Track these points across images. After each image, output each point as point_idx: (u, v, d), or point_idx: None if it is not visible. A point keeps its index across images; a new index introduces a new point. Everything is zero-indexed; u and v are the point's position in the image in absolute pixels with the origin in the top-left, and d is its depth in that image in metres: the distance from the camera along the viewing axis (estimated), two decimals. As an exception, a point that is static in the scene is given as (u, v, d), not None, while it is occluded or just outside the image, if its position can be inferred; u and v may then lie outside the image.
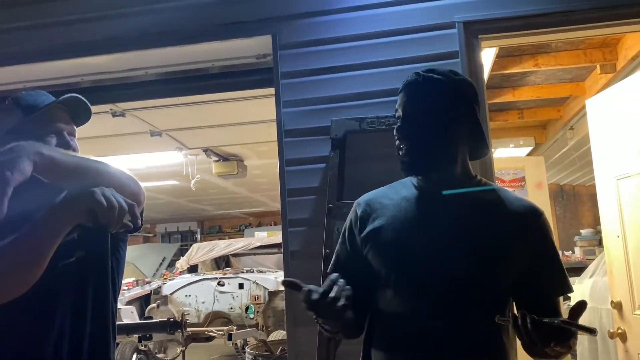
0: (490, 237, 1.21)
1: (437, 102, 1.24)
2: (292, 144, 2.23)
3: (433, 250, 1.20)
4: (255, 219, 14.88)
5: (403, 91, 1.29)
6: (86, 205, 1.06)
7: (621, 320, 2.57)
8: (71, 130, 1.37)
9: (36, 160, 1.05)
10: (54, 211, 1.09)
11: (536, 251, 1.24)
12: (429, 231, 1.23)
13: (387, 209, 1.29)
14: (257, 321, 6.00)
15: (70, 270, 1.22)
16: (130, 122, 4.01)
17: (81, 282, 1.24)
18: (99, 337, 1.27)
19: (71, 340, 1.21)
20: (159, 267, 9.91)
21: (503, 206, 1.27)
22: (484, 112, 2.15)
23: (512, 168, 4.37)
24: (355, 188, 1.36)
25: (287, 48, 2.27)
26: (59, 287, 1.20)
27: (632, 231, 2.47)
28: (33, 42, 2.49)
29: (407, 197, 1.29)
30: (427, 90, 1.25)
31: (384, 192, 1.35)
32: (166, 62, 2.53)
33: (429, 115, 1.23)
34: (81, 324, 1.23)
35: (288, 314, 2.17)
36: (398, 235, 1.24)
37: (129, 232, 1.29)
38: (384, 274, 1.26)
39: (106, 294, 1.29)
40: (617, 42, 3.50)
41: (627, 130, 2.49)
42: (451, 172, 1.27)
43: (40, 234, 1.09)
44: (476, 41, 2.16)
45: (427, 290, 1.20)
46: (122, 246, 1.38)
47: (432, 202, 1.26)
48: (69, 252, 1.20)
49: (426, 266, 1.20)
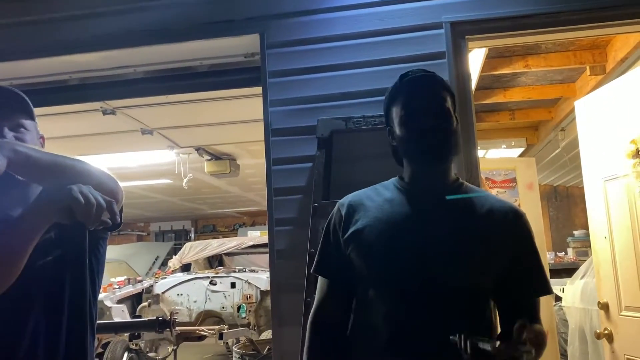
0: (472, 238, 1.22)
1: (444, 97, 1.28)
2: (279, 143, 2.23)
3: (415, 252, 1.21)
4: (250, 218, 14.87)
5: (405, 88, 1.30)
6: (63, 202, 1.05)
7: (608, 321, 2.58)
8: (15, 123, 1.28)
9: (10, 157, 1.04)
10: (31, 209, 1.08)
11: (516, 252, 1.24)
12: (411, 233, 1.23)
13: (370, 211, 1.29)
14: (249, 320, 5.99)
15: (47, 269, 1.21)
16: (120, 120, 3.99)
17: (58, 281, 1.23)
18: (76, 336, 1.26)
19: (46, 339, 1.20)
20: (152, 266, 9.89)
21: (484, 208, 1.27)
22: (470, 110, 2.16)
23: (503, 169, 4.37)
24: (341, 187, 1.37)
25: (274, 47, 2.27)
26: (34, 286, 1.19)
27: (619, 232, 2.48)
28: (20, 40, 2.48)
29: (389, 199, 1.30)
30: (433, 85, 1.29)
31: (366, 194, 1.36)
32: (154, 60, 2.53)
33: (441, 109, 1.26)
34: (57, 323, 1.22)
35: (274, 314, 2.17)
36: (380, 237, 1.25)
37: (108, 230, 1.28)
38: (366, 275, 1.27)
39: (84, 292, 1.29)
40: (607, 43, 3.51)
41: (615, 132, 2.50)
42: (445, 171, 1.29)
43: (17, 233, 1.08)
44: (463, 42, 2.16)
45: (408, 292, 1.20)
46: (102, 244, 1.37)
47: (414, 204, 1.27)
48: (47, 250, 1.20)
49: (408, 268, 1.21)
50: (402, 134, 1.28)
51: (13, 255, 1.07)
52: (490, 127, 5.23)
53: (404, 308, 1.20)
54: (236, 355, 3.55)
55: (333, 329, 1.32)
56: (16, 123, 1.29)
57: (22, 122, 1.30)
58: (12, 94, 1.33)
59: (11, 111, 1.30)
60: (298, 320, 1.96)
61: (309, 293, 1.90)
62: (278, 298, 2.15)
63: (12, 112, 1.29)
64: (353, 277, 1.29)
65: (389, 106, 1.34)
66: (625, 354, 2.46)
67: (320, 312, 1.35)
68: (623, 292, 2.47)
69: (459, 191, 1.30)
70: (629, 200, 2.39)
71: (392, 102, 1.32)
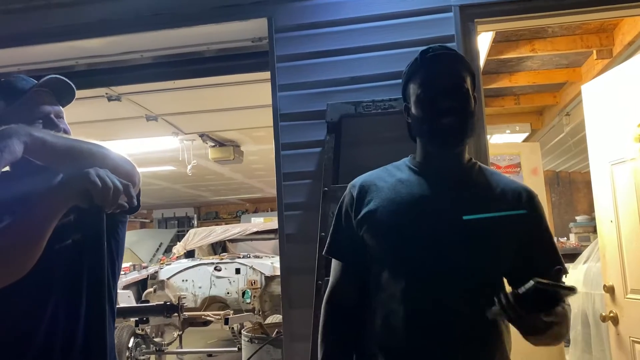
0: (486, 218, 1.22)
1: (463, 77, 1.25)
2: (288, 128, 2.23)
3: (430, 233, 1.21)
4: (252, 205, 14.90)
5: (424, 65, 1.26)
6: (81, 186, 1.06)
7: (613, 304, 2.60)
8: (58, 112, 1.35)
9: (27, 142, 1.05)
10: (50, 193, 1.09)
11: (530, 232, 1.25)
12: (425, 214, 1.23)
13: (382, 192, 1.29)
14: (253, 306, 6.04)
15: (65, 252, 1.22)
16: (125, 107, 3.99)
17: (76, 265, 1.24)
18: (95, 319, 1.27)
19: (65, 323, 1.22)
20: (156, 253, 9.93)
21: (498, 188, 1.28)
22: (480, 96, 2.15)
23: (507, 154, 4.38)
24: (351, 172, 1.37)
25: (282, 31, 2.26)
26: (53, 270, 1.19)
27: (626, 216, 2.49)
28: (27, 25, 2.47)
29: (402, 180, 1.30)
30: (454, 64, 1.26)
31: (378, 174, 1.35)
32: (161, 45, 2.52)
33: (459, 89, 1.24)
34: (76, 306, 1.23)
35: (284, 297, 2.19)
36: (394, 218, 1.25)
37: (126, 213, 1.29)
38: (380, 256, 1.27)
39: (102, 276, 1.30)
40: (614, 27, 3.49)
41: (622, 116, 2.49)
42: (460, 152, 1.28)
43: (36, 217, 1.09)
44: (472, 25, 2.15)
45: (424, 273, 1.21)
46: (121, 227, 1.38)
47: (429, 184, 1.27)
48: (65, 234, 1.20)
49: (422, 248, 1.21)
50: (418, 113, 1.26)
51: (33, 239, 1.08)
52: (495, 112, 5.22)
53: (420, 288, 1.20)
54: (245, 339, 3.59)
55: (348, 309, 1.33)
56: (58, 111, 1.36)
57: (62, 112, 1.38)
58: (67, 86, 1.37)
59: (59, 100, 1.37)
60: (307, 303, 1.98)
61: (320, 276, 1.92)
62: (288, 281, 2.17)
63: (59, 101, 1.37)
64: (365, 258, 1.30)
65: (406, 82, 1.31)
66: (630, 336, 2.48)
67: (335, 293, 1.36)
68: (629, 275, 2.48)
69: (473, 171, 1.30)
70: (636, 184, 2.39)
71: (410, 78, 1.29)
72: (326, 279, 1.91)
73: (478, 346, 1.20)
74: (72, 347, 1.22)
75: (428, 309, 1.19)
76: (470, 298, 1.19)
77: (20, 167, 1.18)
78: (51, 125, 1.30)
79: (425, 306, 1.19)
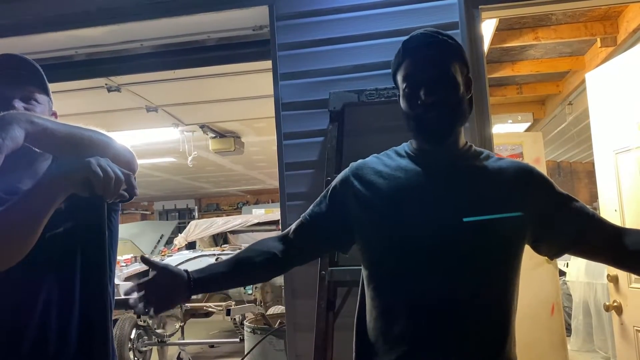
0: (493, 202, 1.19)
1: (448, 65, 1.20)
2: (290, 117, 2.21)
3: (434, 219, 1.19)
4: (253, 197, 14.89)
5: (406, 57, 1.22)
6: (82, 175, 1.04)
7: (617, 294, 2.59)
8: (26, 95, 1.25)
9: (27, 129, 1.02)
10: (49, 180, 1.07)
11: (543, 200, 1.22)
12: (429, 199, 1.21)
13: (383, 176, 1.27)
14: (255, 297, 6.05)
15: (56, 240, 1.19)
16: (125, 97, 3.97)
17: (68, 253, 1.22)
18: (97, 310, 1.26)
19: (59, 309, 1.20)
20: (157, 244, 9.94)
21: (499, 169, 1.25)
22: (483, 84, 2.13)
23: (510, 144, 4.36)
24: (354, 161, 1.34)
25: (284, 19, 2.23)
26: (45, 257, 1.17)
27: (630, 205, 2.48)
28: (26, 14, 2.44)
29: (403, 165, 1.27)
30: (436, 54, 1.21)
31: (378, 159, 1.33)
32: (162, 34, 2.49)
33: (444, 77, 1.19)
34: (70, 294, 1.22)
35: (287, 287, 2.18)
36: (396, 203, 1.22)
37: (122, 202, 1.27)
38: (382, 242, 1.24)
39: (102, 265, 1.28)
40: (619, 14, 3.46)
41: (627, 104, 2.47)
42: (455, 139, 1.25)
43: (34, 202, 1.06)
44: (477, 11, 2.13)
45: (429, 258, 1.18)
46: (115, 216, 1.37)
47: (425, 171, 1.24)
48: (56, 223, 1.16)
49: (428, 235, 1.19)
50: (405, 107, 1.24)
51: (30, 224, 1.06)
52: (497, 101, 5.19)
53: (422, 273, 1.18)
54: (247, 330, 3.59)
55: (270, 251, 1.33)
56: (27, 94, 1.25)
57: (34, 95, 1.27)
58: (25, 63, 1.29)
59: (23, 81, 1.26)
60: (310, 293, 1.97)
61: (323, 266, 1.90)
62: (290, 271, 2.15)
63: (23, 83, 1.26)
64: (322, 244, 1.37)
65: (394, 74, 1.28)
66: (634, 325, 2.47)
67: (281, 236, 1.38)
68: (633, 264, 2.47)
69: (467, 155, 1.28)
70: (641, 173, 2.38)
71: (396, 70, 1.26)
72: (329, 268, 1.91)
73: (489, 331, 1.18)
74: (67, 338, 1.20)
75: (435, 295, 1.17)
76: (481, 282, 1.17)
77: (18, 153, 1.16)
78: None
79: (431, 292, 1.17)
